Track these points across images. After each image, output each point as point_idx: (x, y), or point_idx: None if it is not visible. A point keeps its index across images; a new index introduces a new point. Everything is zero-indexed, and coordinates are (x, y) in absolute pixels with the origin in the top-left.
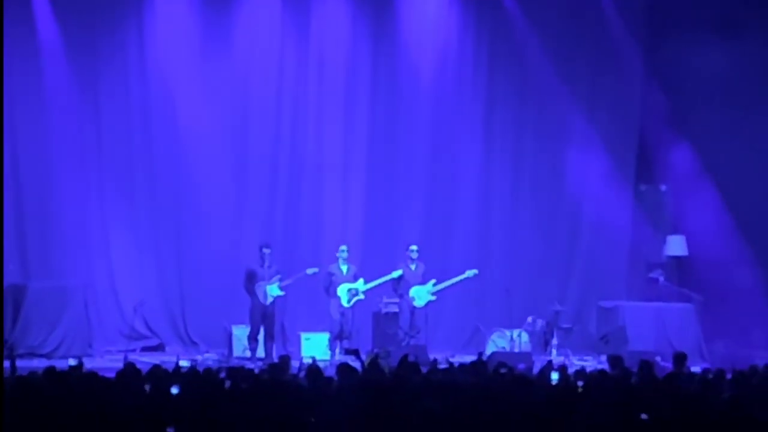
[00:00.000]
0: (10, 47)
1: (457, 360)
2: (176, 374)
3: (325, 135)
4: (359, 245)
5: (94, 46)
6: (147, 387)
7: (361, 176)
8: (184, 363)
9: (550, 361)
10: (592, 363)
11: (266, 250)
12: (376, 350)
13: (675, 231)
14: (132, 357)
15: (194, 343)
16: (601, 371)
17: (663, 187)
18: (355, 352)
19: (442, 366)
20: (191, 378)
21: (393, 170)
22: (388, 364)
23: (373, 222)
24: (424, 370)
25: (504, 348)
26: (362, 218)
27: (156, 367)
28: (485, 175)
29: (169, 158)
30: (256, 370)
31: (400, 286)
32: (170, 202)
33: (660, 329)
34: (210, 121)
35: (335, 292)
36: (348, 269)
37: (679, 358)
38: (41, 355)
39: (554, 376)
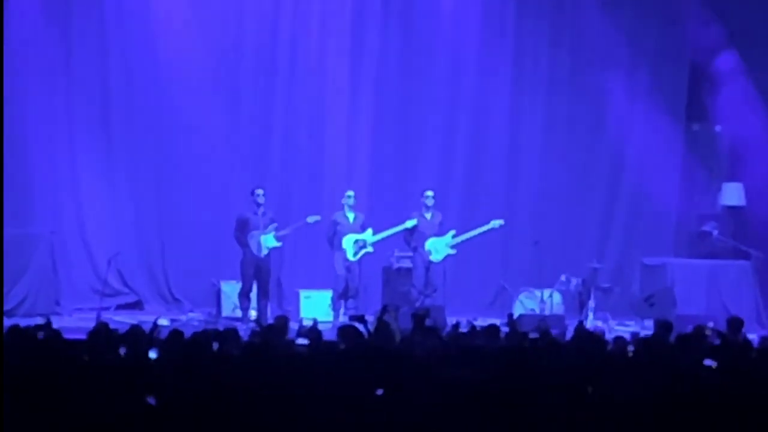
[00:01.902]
0: None
1: (480, 324)
2: (155, 336)
3: (328, 62)
4: (367, 190)
5: None
6: (122, 350)
7: (370, 110)
8: (163, 322)
9: (581, 322)
10: (634, 328)
11: (259, 192)
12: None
13: (731, 178)
14: (105, 316)
15: (177, 301)
16: (646, 338)
17: (718, 128)
18: (361, 319)
19: (464, 330)
20: (173, 341)
21: (407, 104)
22: (398, 325)
23: (384, 163)
24: (441, 334)
25: (533, 310)
26: (371, 159)
27: (133, 328)
28: (513, 111)
29: (149, 91)
30: (248, 333)
31: (413, 238)
32: (150, 140)
33: (713, 290)
34: (197, 50)
35: (340, 243)
36: (355, 217)
37: (735, 324)
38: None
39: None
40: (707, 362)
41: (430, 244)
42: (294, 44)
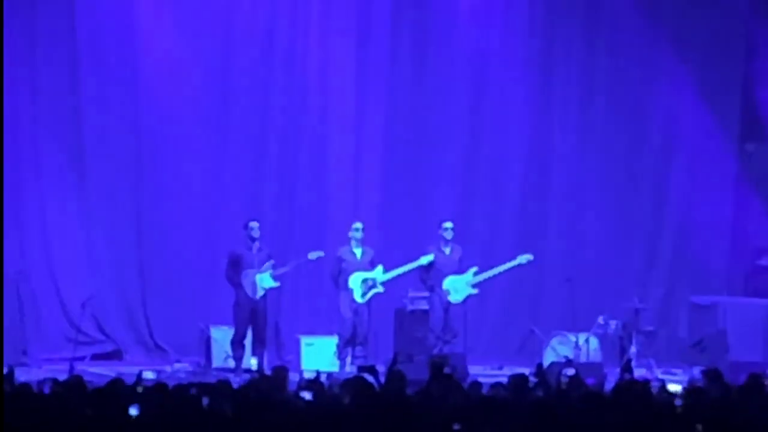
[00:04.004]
0: None
1: (506, 373)
2: (137, 390)
3: (331, 76)
4: (377, 222)
5: None
6: (99, 406)
7: (379, 131)
8: (148, 375)
9: (629, 361)
10: (681, 377)
11: (254, 225)
12: (394, 354)
13: None
14: (79, 367)
15: (160, 350)
16: (695, 388)
17: None
18: (371, 370)
19: (489, 380)
20: (156, 395)
21: (420, 125)
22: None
23: (396, 192)
24: (462, 385)
25: (567, 357)
26: (381, 186)
27: (111, 381)
28: (542, 129)
29: (126, 112)
30: (242, 385)
31: (430, 276)
32: (128, 167)
33: None
34: (181, 63)
35: (346, 283)
36: (363, 253)
37: None
38: None
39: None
40: None
41: (449, 282)
42: (292, 56)
